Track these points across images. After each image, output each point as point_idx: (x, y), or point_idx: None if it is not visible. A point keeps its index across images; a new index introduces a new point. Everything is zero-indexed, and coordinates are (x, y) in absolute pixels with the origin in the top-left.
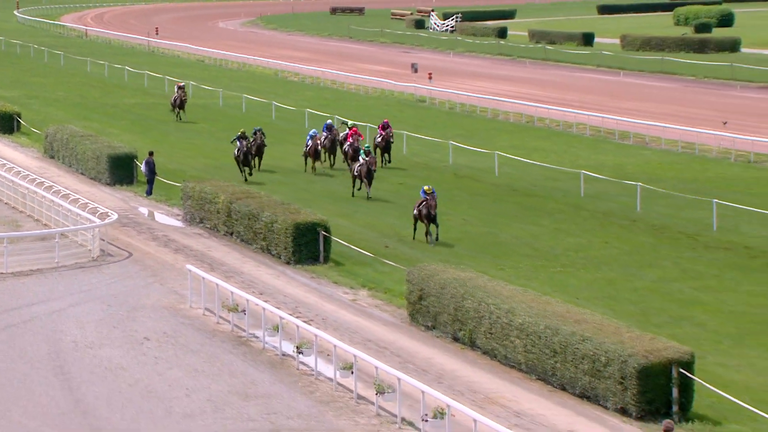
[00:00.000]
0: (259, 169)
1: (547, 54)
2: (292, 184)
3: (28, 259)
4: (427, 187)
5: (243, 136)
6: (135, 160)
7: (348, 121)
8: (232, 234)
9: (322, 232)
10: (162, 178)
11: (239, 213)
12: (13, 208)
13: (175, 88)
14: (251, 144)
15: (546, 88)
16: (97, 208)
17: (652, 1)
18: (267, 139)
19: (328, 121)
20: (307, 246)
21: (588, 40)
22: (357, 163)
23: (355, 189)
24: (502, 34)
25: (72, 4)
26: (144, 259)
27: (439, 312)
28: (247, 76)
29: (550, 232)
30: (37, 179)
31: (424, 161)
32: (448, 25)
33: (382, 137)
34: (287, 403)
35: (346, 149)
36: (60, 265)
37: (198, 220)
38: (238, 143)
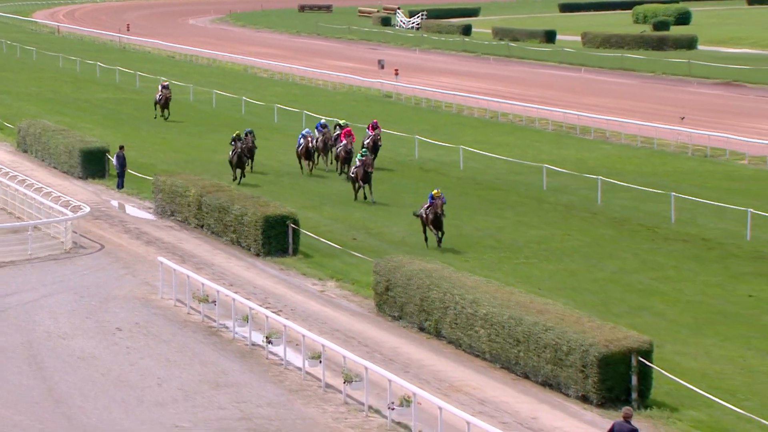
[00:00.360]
0: (252, 171)
1: (511, 51)
2: (262, 178)
3: (1, 251)
4: (436, 191)
5: (238, 138)
6: (107, 154)
7: (340, 122)
8: (202, 226)
9: (291, 224)
10: (133, 172)
11: (210, 206)
12: None
13: (159, 87)
14: (243, 146)
15: (509, 84)
16: (70, 201)
17: (612, 0)
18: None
19: (321, 120)
20: (277, 238)
21: (550, 37)
22: (353, 166)
23: (357, 194)
24: (467, 31)
25: (44, 1)
26: (116, 251)
27: (405, 302)
28: (217, 72)
29: (514, 224)
30: (10, 173)
31: (390, 155)
32: (413, 23)
33: (371, 138)
34: (257, 392)
35: (339, 151)
36: (33, 257)
37: (169, 213)
38: (233, 145)
